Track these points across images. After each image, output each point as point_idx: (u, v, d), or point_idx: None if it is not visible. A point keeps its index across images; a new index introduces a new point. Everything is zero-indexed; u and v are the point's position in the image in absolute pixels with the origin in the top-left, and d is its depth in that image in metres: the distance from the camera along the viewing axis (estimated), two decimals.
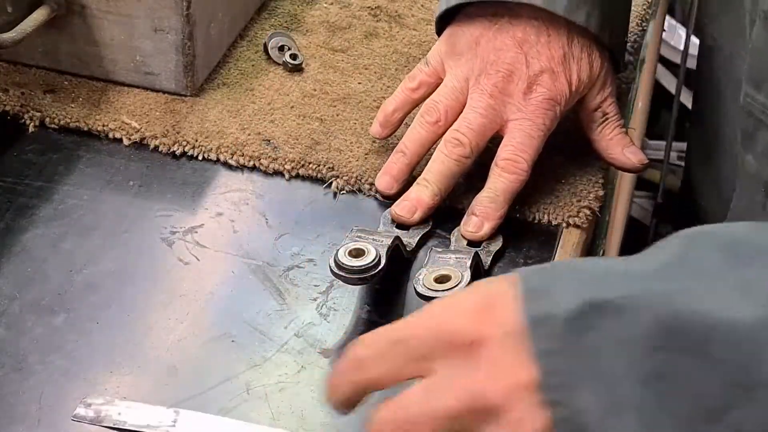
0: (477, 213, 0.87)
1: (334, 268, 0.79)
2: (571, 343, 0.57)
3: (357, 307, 0.82)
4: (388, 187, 0.89)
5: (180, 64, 0.96)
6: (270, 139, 0.94)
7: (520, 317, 0.58)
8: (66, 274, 0.82)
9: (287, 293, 0.82)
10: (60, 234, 0.85)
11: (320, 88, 1.01)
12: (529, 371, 0.57)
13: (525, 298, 0.58)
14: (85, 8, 0.96)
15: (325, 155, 0.93)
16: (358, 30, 1.09)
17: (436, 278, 0.79)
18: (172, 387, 0.75)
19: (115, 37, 0.96)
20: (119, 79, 0.99)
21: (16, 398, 0.73)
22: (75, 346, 0.77)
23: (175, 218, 0.88)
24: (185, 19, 0.94)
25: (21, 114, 0.95)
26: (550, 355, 0.57)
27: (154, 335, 0.78)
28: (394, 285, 0.84)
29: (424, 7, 1.13)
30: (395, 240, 0.82)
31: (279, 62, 1.03)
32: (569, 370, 0.57)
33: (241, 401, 0.74)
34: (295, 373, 0.76)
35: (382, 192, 0.90)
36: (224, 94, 0.99)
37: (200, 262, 0.84)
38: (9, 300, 0.79)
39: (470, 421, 0.58)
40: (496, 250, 0.86)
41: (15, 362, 0.75)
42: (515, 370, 0.57)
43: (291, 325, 0.79)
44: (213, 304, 0.81)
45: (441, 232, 0.88)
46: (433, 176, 0.88)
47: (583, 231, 0.89)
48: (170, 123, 0.95)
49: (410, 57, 1.06)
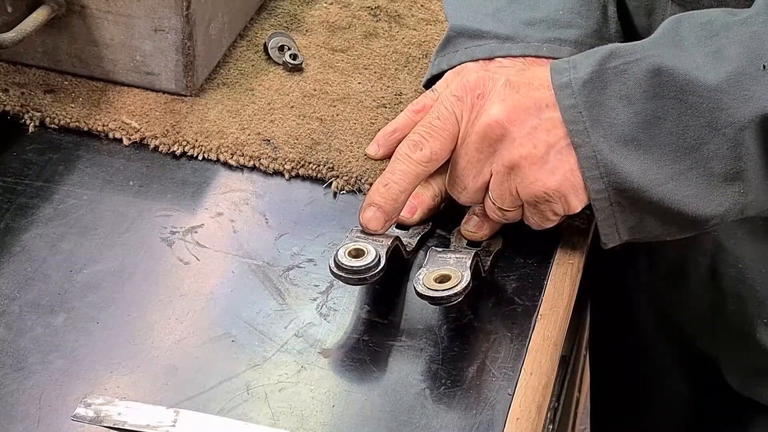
0: (477, 213, 0.87)
1: (333, 268, 0.79)
2: (585, 97, 0.80)
3: (357, 307, 0.82)
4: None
5: (180, 64, 0.96)
6: (270, 139, 0.94)
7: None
8: (66, 274, 0.82)
9: (287, 293, 0.82)
10: (60, 234, 0.85)
11: (320, 88, 1.01)
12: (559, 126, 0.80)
13: (552, 71, 0.81)
14: (85, 8, 0.96)
15: (325, 155, 0.93)
16: (358, 30, 1.09)
17: (436, 278, 0.79)
18: (172, 387, 0.75)
19: (115, 37, 0.96)
20: (119, 79, 0.99)
21: (16, 398, 0.73)
22: (75, 346, 0.77)
23: (175, 218, 0.88)
24: (185, 19, 0.94)
25: (21, 114, 0.95)
26: (571, 108, 0.80)
27: (154, 335, 0.78)
28: (394, 285, 0.84)
29: (424, 7, 1.13)
30: (395, 240, 0.82)
31: (279, 62, 1.03)
32: (585, 119, 0.79)
33: (241, 401, 0.74)
34: (295, 373, 0.76)
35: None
36: (224, 94, 0.99)
37: (200, 262, 0.84)
38: (9, 300, 0.79)
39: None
40: (496, 250, 0.86)
41: (15, 362, 0.75)
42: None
43: (291, 325, 0.79)
44: (213, 304, 0.81)
45: (441, 232, 0.88)
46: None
47: (583, 231, 0.89)
48: (170, 123, 0.95)
49: (410, 57, 1.06)
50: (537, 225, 0.85)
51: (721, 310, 1.01)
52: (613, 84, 0.80)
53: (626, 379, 1.19)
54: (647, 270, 1.07)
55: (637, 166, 0.79)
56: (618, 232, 0.82)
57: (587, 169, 0.80)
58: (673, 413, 1.16)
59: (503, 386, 0.76)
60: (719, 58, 0.78)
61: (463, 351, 0.79)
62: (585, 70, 0.80)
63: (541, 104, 0.81)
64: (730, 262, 0.98)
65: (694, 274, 1.01)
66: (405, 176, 0.83)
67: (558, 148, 0.80)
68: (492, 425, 0.74)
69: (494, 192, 0.83)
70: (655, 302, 1.08)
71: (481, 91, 0.83)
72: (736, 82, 0.77)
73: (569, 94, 0.80)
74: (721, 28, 0.80)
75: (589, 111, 0.80)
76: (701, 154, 0.79)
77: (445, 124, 0.83)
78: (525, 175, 0.81)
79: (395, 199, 0.83)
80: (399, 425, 0.73)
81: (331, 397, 0.75)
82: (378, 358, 0.78)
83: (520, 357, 0.78)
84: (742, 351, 1.02)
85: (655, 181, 0.79)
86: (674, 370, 1.12)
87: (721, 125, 0.78)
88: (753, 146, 0.78)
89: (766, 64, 0.77)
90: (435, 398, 0.75)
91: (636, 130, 0.79)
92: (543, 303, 0.83)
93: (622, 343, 1.17)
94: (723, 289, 1.00)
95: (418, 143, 0.83)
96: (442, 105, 0.84)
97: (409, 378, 0.77)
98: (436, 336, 0.80)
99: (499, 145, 0.81)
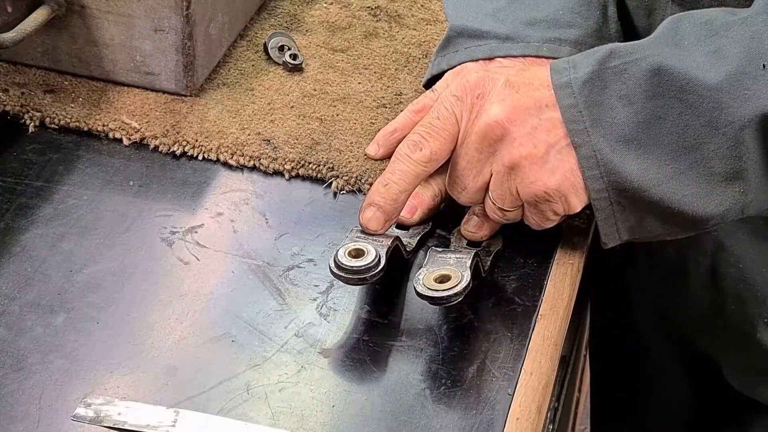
0: (477, 213, 0.87)
1: (333, 268, 0.79)
2: (585, 97, 0.80)
3: (357, 307, 0.82)
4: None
5: (180, 64, 0.96)
6: (270, 139, 0.94)
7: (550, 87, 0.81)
8: (66, 274, 0.82)
9: (287, 293, 0.82)
10: (60, 234, 0.85)
11: (320, 88, 1.01)
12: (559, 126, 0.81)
13: (552, 71, 0.82)
14: (85, 8, 0.96)
15: (325, 155, 0.93)
16: (358, 30, 1.09)
17: (436, 278, 0.79)
18: (172, 387, 0.75)
19: (115, 37, 0.96)
20: (119, 79, 0.99)
21: (16, 398, 0.73)
22: (75, 346, 0.77)
23: (175, 218, 0.88)
24: (185, 19, 0.94)
25: (21, 114, 0.95)
26: (571, 108, 0.80)
27: (154, 335, 0.78)
28: (394, 285, 0.84)
29: (424, 7, 1.13)
30: (395, 240, 0.82)
31: (279, 62, 1.03)
32: (585, 118, 0.79)
33: (241, 401, 0.74)
34: (295, 373, 0.76)
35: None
36: (224, 94, 0.99)
37: (200, 262, 0.84)
38: (9, 300, 0.79)
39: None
40: (496, 250, 0.86)
41: (15, 362, 0.75)
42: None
43: (291, 325, 0.79)
44: (213, 304, 0.81)
45: (441, 232, 0.88)
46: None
47: (583, 231, 0.89)
48: (170, 123, 0.95)
49: (410, 57, 1.06)
50: (537, 225, 0.85)
51: (721, 310, 1.01)
52: (613, 83, 0.80)
53: (626, 379, 1.19)
54: (647, 270, 1.07)
55: (637, 165, 0.79)
56: (618, 232, 0.82)
57: (587, 168, 0.80)
58: (673, 413, 1.16)
59: (503, 386, 0.76)
60: (719, 58, 0.79)
61: (463, 351, 0.79)
62: (585, 70, 0.80)
63: (540, 104, 0.81)
64: (730, 262, 0.98)
65: (695, 274, 1.01)
66: (405, 176, 0.83)
67: (558, 148, 0.80)
68: (492, 425, 0.74)
69: (494, 192, 0.83)
70: (655, 302, 1.08)
71: (480, 91, 0.83)
72: (736, 81, 0.77)
73: (569, 93, 0.80)
74: (720, 28, 0.80)
75: (589, 111, 0.80)
76: (701, 154, 0.79)
77: (444, 124, 0.83)
78: (525, 175, 0.81)
79: (395, 199, 0.83)
80: (399, 425, 0.73)
81: (331, 397, 0.75)
82: (378, 358, 0.78)
83: (520, 357, 0.78)
84: (742, 351, 1.02)
85: (655, 181, 0.79)
86: (674, 370, 1.12)
87: (721, 124, 0.78)
88: (753, 145, 0.78)
89: (766, 64, 0.77)
90: (435, 398, 0.75)
91: (636, 130, 0.79)
92: (543, 303, 0.83)
93: (622, 343, 1.17)
94: (723, 289, 1.00)
95: (417, 143, 0.83)
96: (442, 105, 0.84)
97: (409, 378, 0.77)
98: (436, 336, 0.80)
99: (499, 145, 0.81)
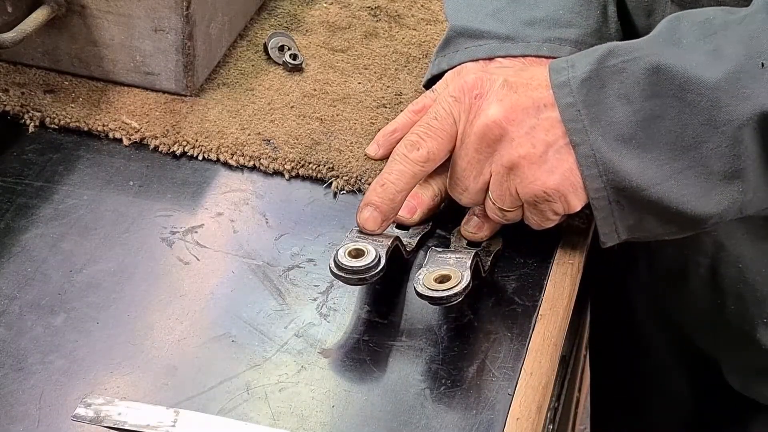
0: (477, 213, 0.87)
1: (333, 268, 0.79)
2: (583, 96, 0.80)
3: (357, 307, 0.82)
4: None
5: (180, 64, 0.96)
6: (270, 139, 0.94)
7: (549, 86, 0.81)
8: (66, 274, 0.82)
9: (287, 293, 0.82)
10: (60, 234, 0.85)
11: (320, 88, 1.01)
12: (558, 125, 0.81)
13: (551, 70, 0.82)
14: (85, 8, 0.96)
15: (325, 155, 0.93)
16: (358, 30, 1.09)
17: (436, 278, 0.79)
18: (172, 387, 0.75)
19: (115, 37, 0.96)
20: (119, 79, 0.99)
21: (16, 398, 0.73)
22: (75, 346, 0.77)
23: (175, 218, 0.88)
24: (185, 19, 0.94)
25: (21, 114, 0.95)
26: (569, 107, 0.80)
27: (154, 335, 0.78)
28: (394, 285, 0.84)
29: (424, 7, 1.13)
30: (395, 240, 0.82)
31: (279, 62, 1.03)
32: (584, 117, 0.79)
33: (241, 401, 0.74)
34: (295, 373, 0.76)
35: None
36: (224, 94, 0.99)
37: (200, 262, 0.84)
38: (9, 300, 0.79)
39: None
40: (496, 250, 0.86)
41: (15, 362, 0.75)
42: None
43: (291, 325, 0.79)
44: (213, 304, 0.81)
45: (441, 232, 0.88)
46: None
47: (583, 231, 0.89)
48: (170, 123, 0.95)
49: (410, 57, 1.06)
50: (537, 225, 0.85)
51: (721, 310, 1.01)
52: (612, 82, 0.80)
53: (626, 379, 1.19)
54: (647, 270, 1.07)
55: (636, 164, 0.79)
56: (617, 231, 0.82)
57: (586, 167, 0.80)
58: (673, 413, 1.16)
59: (503, 386, 0.76)
60: (718, 56, 0.79)
61: (463, 351, 0.79)
62: (583, 69, 0.81)
63: (539, 104, 0.81)
64: (730, 262, 0.98)
65: (694, 274, 1.01)
66: (402, 176, 0.83)
67: (557, 148, 0.80)
68: (492, 425, 0.74)
69: (494, 192, 0.83)
70: (655, 302, 1.08)
71: (478, 91, 0.83)
72: (734, 80, 0.78)
73: (567, 92, 0.80)
74: (719, 27, 0.80)
75: (588, 110, 0.80)
76: (700, 153, 0.79)
77: (442, 124, 0.83)
78: (524, 175, 0.81)
79: (392, 199, 0.83)
80: (399, 425, 0.73)
81: (331, 397, 0.75)
82: (378, 358, 0.78)
83: (520, 357, 0.78)
84: (742, 351, 1.02)
85: (654, 180, 0.79)
86: (674, 370, 1.12)
87: (720, 123, 0.78)
88: (752, 144, 0.78)
89: (765, 62, 0.77)
90: (435, 398, 0.75)
91: (635, 129, 0.79)
92: (543, 303, 0.83)
93: (622, 343, 1.17)
94: (723, 289, 1.00)
95: (415, 143, 0.83)
96: (440, 105, 0.84)
97: (409, 378, 0.77)
98: (436, 336, 0.80)
99: (498, 145, 0.81)
